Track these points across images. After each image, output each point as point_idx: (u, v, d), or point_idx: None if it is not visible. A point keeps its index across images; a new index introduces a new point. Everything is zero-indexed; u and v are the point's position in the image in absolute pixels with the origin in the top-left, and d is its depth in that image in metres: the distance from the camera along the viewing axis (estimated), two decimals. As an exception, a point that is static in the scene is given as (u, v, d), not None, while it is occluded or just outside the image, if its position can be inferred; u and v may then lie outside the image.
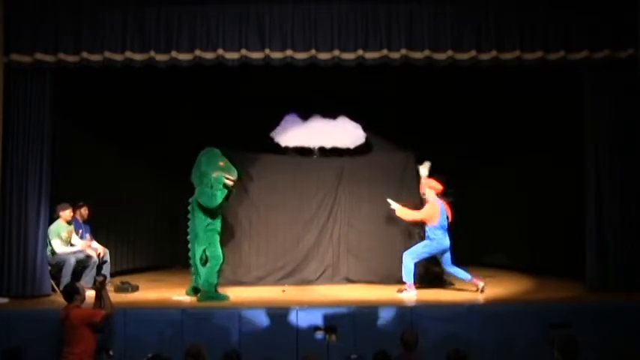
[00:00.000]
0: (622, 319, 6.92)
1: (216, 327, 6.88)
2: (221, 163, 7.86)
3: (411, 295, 7.95)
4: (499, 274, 8.35)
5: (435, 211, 8.08)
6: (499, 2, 7.97)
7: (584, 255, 8.09)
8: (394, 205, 8.27)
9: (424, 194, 8.23)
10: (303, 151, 9.56)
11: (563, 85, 8.74)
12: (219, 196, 7.74)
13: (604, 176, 7.98)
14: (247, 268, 8.98)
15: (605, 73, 7.99)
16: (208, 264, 7.80)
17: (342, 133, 9.44)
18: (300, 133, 9.40)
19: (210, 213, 7.80)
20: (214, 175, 7.78)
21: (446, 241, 8.05)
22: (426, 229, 8.17)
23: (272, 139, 9.47)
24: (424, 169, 8.37)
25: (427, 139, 10.00)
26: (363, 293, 8.29)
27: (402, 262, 8.14)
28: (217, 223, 7.89)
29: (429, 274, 8.70)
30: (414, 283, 8.09)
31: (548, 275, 9.11)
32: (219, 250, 7.86)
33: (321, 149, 9.50)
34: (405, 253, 8.14)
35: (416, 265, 8.15)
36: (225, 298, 7.80)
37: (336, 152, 9.56)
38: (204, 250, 7.82)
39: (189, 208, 7.90)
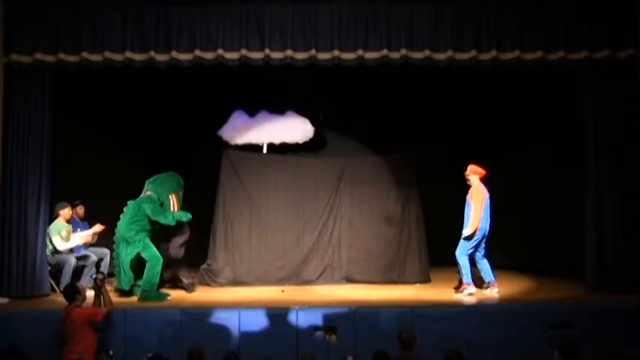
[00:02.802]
0: (622, 319, 6.94)
1: (216, 327, 6.90)
2: (180, 193, 8.27)
3: (472, 292, 7.86)
4: (499, 274, 8.34)
5: (483, 195, 7.97)
6: (499, 2, 7.98)
7: (584, 255, 8.10)
8: (467, 230, 7.94)
9: (468, 179, 8.12)
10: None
11: (563, 85, 8.74)
12: (168, 215, 7.99)
13: (604, 176, 7.98)
14: (247, 268, 8.97)
15: (605, 73, 7.99)
16: (148, 265, 7.84)
17: (291, 128, 9.34)
18: (248, 130, 9.30)
19: (147, 219, 7.90)
20: (170, 195, 8.12)
21: (486, 224, 7.95)
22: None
23: (220, 138, 9.41)
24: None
25: (427, 140, 10.00)
26: (363, 293, 8.29)
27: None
28: (147, 226, 7.94)
29: None
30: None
31: (548, 275, 9.10)
32: (155, 250, 7.93)
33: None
34: (456, 253, 7.97)
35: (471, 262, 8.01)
36: (165, 296, 7.87)
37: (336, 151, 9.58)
38: (137, 254, 7.87)
39: (124, 208, 7.98)
